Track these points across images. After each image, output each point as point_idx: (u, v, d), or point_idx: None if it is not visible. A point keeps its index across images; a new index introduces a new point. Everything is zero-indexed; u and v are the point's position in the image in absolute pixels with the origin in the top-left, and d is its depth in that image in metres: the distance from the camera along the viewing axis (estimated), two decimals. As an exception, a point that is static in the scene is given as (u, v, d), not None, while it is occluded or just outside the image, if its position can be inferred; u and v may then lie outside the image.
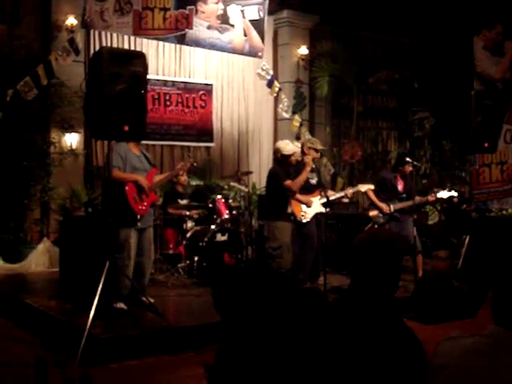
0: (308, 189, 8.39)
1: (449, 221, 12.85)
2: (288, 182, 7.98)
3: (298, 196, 8.28)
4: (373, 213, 9.27)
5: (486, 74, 13.13)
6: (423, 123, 14.79)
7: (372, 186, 9.05)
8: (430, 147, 14.68)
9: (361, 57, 13.71)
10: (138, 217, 6.95)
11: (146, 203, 7.04)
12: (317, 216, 8.43)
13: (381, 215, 9.15)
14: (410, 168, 9.18)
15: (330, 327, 2.15)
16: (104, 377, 5.25)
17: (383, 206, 9.11)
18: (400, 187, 9.24)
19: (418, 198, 9.06)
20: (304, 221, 8.33)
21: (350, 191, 8.95)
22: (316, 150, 8.40)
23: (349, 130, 14.25)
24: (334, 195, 8.79)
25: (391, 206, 9.08)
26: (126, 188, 6.92)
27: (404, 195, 9.17)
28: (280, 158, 8.20)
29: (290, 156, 8.09)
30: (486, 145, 8.74)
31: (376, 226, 9.19)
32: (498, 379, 1.83)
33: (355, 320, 2.33)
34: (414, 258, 8.69)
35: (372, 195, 9.16)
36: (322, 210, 8.34)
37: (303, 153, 8.38)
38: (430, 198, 9.29)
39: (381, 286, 2.44)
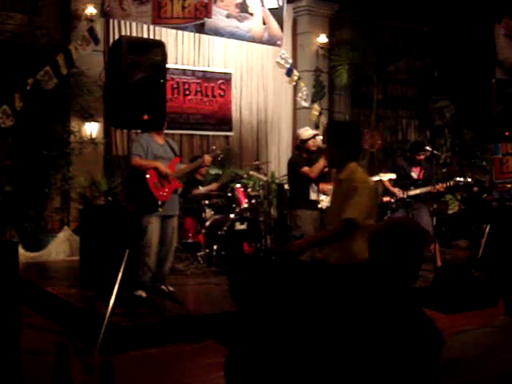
0: (327, 176, 8.36)
1: (469, 210, 12.77)
2: (305, 169, 7.95)
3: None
4: (386, 199, 9.26)
5: (507, 62, 13.00)
6: (444, 112, 14.69)
7: (394, 176, 9.01)
8: (450, 136, 14.59)
9: (380, 45, 13.62)
10: (159, 203, 6.97)
11: (167, 189, 7.06)
12: None
13: (393, 200, 9.13)
14: (421, 157, 9.15)
15: (349, 316, 2.15)
16: (123, 364, 5.28)
17: (396, 190, 9.10)
18: (415, 174, 9.20)
19: (436, 186, 9.02)
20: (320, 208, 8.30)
21: (372, 180, 8.92)
22: None
23: (368, 119, 14.17)
24: None
25: (405, 192, 9.06)
26: (147, 174, 6.95)
27: (420, 182, 9.13)
28: (300, 145, 8.21)
29: (307, 140, 8.07)
30: (507, 133, 8.68)
31: (389, 213, 9.18)
32: (511, 370, 1.82)
33: (376, 310, 2.32)
34: (429, 247, 8.65)
35: (386, 182, 9.14)
36: None
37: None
38: (441, 187, 9.17)
39: (401, 275, 2.44)
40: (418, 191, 9.06)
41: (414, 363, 2.18)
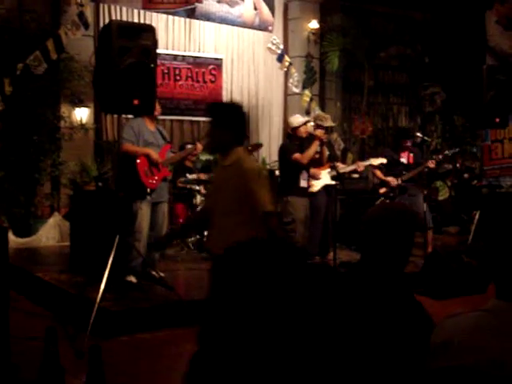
0: (319, 162, 8.38)
1: (459, 196, 12.82)
2: (296, 155, 7.98)
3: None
4: (382, 190, 9.28)
5: (498, 48, 13.01)
6: (434, 98, 14.70)
7: (384, 160, 8.99)
8: (441, 122, 14.61)
9: (372, 31, 13.59)
10: (148, 190, 6.97)
11: (156, 177, 7.06)
12: (327, 189, 8.42)
13: (389, 190, 9.15)
14: (408, 143, 9.17)
15: (339, 301, 2.15)
16: (114, 349, 5.29)
17: (389, 179, 9.12)
18: (404, 160, 9.22)
19: (427, 163, 9.03)
20: (310, 192, 8.31)
21: (361, 165, 8.92)
22: (324, 128, 8.35)
23: (359, 105, 14.18)
24: (344, 168, 8.75)
25: (399, 179, 9.08)
26: (138, 161, 6.94)
27: (412, 166, 9.15)
28: (291, 132, 8.25)
29: (298, 127, 8.10)
30: (497, 120, 8.68)
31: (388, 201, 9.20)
32: (503, 352, 1.82)
33: (365, 294, 2.33)
34: (425, 234, 8.70)
35: (378, 173, 9.15)
36: (331, 182, 8.33)
37: (316, 126, 8.38)
38: (431, 163, 9.18)
39: (392, 259, 2.44)
40: (410, 174, 9.08)
41: (404, 347, 2.19)
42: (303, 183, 8.12)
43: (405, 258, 2.51)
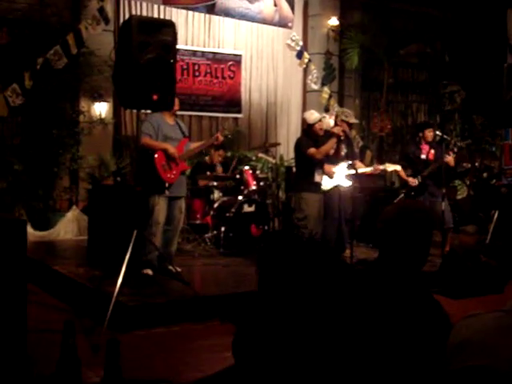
0: (335, 159, 8.34)
1: (477, 196, 12.74)
2: (311, 150, 7.96)
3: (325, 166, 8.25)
4: (405, 190, 9.31)
5: (519, 47, 12.91)
6: (454, 97, 14.61)
7: (399, 167, 8.99)
8: (460, 121, 14.52)
9: (392, 29, 13.53)
10: (167, 184, 7.00)
11: (175, 172, 7.08)
12: (340, 187, 8.39)
13: (410, 189, 9.14)
14: (431, 133, 9.13)
15: (357, 298, 2.15)
16: (130, 343, 5.31)
17: (409, 179, 9.11)
18: (424, 155, 9.18)
19: (445, 159, 8.99)
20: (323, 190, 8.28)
21: (378, 168, 8.88)
22: (349, 124, 8.35)
23: (378, 103, 14.13)
24: (361, 169, 8.71)
25: (418, 178, 9.06)
26: (156, 156, 6.97)
27: (431, 163, 9.10)
28: (307, 129, 8.25)
29: (314, 125, 8.09)
30: (517, 119, 8.63)
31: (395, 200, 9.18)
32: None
33: (383, 292, 2.32)
34: (444, 233, 8.67)
35: (401, 172, 9.14)
36: (345, 181, 8.29)
37: (336, 124, 8.35)
38: (450, 160, 9.10)
39: (410, 258, 2.43)
40: (429, 170, 9.05)
41: (422, 346, 2.18)
42: (318, 178, 8.10)
43: (423, 257, 2.50)
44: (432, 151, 9.20)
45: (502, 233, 9.66)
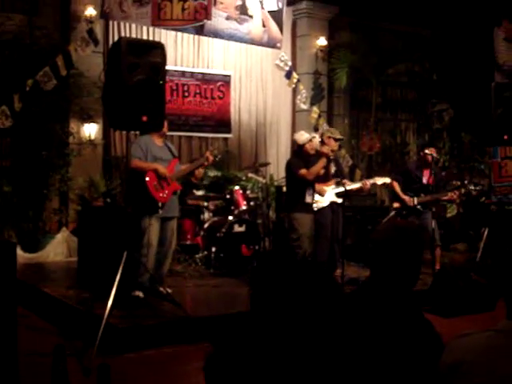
0: (325, 178, 8.38)
1: (467, 213, 12.77)
2: (303, 171, 7.98)
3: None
4: (396, 205, 9.26)
5: (507, 65, 13.01)
6: (442, 115, 14.70)
7: (388, 180, 8.98)
8: (448, 139, 14.58)
9: (380, 48, 13.61)
10: (160, 204, 6.99)
11: (167, 191, 7.08)
12: (332, 206, 8.41)
13: (403, 207, 9.12)
14: (429, 154, 9.14)
15: (347, 318, 2.14)
16: (121, 366, 5.28)
17: (406, 198, 9.09)
18: (425, 179, 9.19)
19: (449, 194, 9.04)
20: (315, 209, 8.30)
21: (367, 183, 8.88)
22: (335, 140, 8.40)
23: (367, 122, 14.18)
24: (350, 185, 8.71)
25: (415, 199, 9.04)
26: (147, 177, 6.96)
27: (430, 188, 9.10)
28: (297, 149, 8.28)
29: (304, 145, 8.11)
30: (506, 137, 8.66)
31: (398, 218, 9.15)
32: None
33: (374, 311, 2.32)
34: (433, 251, 8.67)
35: (397, 187, 9.15)
36: (336, 199, 8.35)
37: (322, 143, 8.38)
38: (455, 196, 9.15)
39: (402, 277, 2.43)
40: (428, 198, 9.02)
41: (413, 366, 2.18)
42: (308, 199, 8.12)
43: (414, 276, 2.50)
44: (432, 176, 9.19)
45: (492, 251, 9.68)
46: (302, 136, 8.23)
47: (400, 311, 2.35)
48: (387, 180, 8.97)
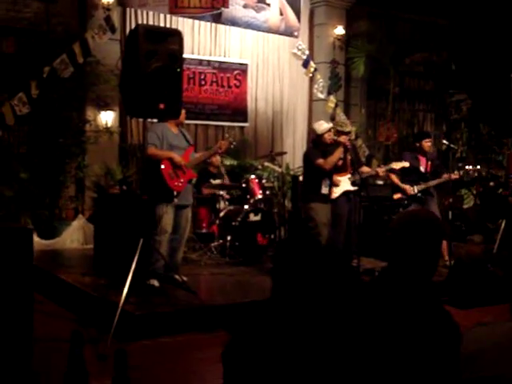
0: (342, 168, 8.35)
1: (484, 205, 12.69)
2: (320, 161, 7.95)
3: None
4: (397, 196, 9.19)
5: (525, 56, 12.87)
6: (460, 106, 14.60)
7: (407, 164, 8.88)
8: (466, 130, 14.50)
9: (398, 37, 13.54)
10: (175, 193, 6.98)
11: (182, 180, 7.06)
12: (348, 195, 8.37)
13: (405, 197, 9.05)
14: (429, 143, 9.06)
15: (367, 307, 2.13)
16: (136, 353, 5.29)
17: (406, 187, 9.01)
18: (422, 168, 9.10)
19: (444, 176, 8.97)
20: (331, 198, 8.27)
21: (382, 169, 8.81)
22: (345, 133, 8.31)
23: (384, 112, 14.11)
24: (365, 173, 8.63)
25: (415, 187, 8.98)
26: (162, 167, 6.95)
27: (428, 175, 9.04)
28: (316, 139, 8.23)
29: (323, 135, 8.07)
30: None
31: (401, 209, 9.09)
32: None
33: (393, 300, 2.30)
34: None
35: (394, 178, 9.07)
36: (351, 187, 8.32)
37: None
38: (453, 175, 9.09)
39: (420, 267, 2.41)
40: (429, 184, 8.97)
41: (432, 356, 2.16)
42: (324, 190, 8.09)
43: (432, 266, 2.47)
44: (429, 163, 9.12)
45: (509, 242, 9.62)
46: (321, 126, 8.17)
47: (418, 301, 2.33)
48: (406, 164, 8.86)
